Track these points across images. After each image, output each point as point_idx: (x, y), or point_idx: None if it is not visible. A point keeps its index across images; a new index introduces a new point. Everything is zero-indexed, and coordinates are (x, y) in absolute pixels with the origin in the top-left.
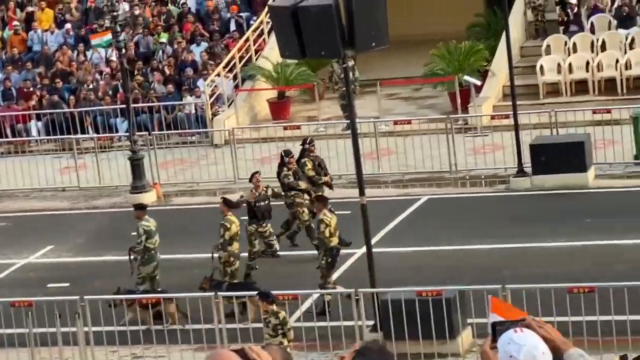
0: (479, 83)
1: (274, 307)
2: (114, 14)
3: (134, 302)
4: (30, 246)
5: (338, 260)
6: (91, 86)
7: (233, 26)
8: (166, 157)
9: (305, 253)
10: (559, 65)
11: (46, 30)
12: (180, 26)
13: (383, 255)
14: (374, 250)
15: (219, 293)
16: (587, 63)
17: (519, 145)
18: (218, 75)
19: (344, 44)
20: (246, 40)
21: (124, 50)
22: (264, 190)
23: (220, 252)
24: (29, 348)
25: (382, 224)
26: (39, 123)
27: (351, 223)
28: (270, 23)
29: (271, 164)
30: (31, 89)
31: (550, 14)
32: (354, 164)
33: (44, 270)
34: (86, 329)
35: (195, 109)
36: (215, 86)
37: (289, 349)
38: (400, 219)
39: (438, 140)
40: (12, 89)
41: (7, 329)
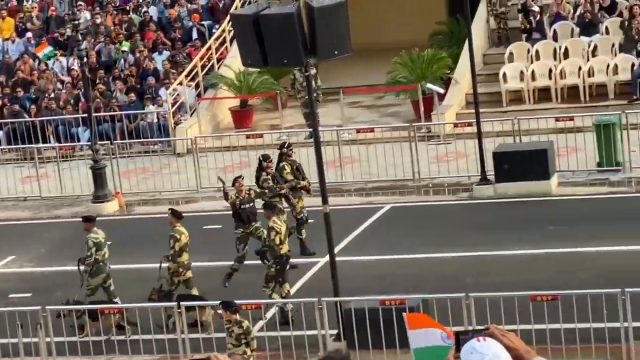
0: (442, 91)
1: (237, 317)
2: (75, 22)
3: (92, 314)
4: None
5: (288, 267)
6: (52, 95)
7: (195, 34)
8: (128, 166)
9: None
10: (521, 72)
11: (7, 39)
12: (142, 35)
13: (346, 263)
14: (337, 258)
15: (181, 303)
16: (550, 71)
17: (482, 153)
18: (180, 83)
19: (306, 52)
20: (208, 49)
21: (85, 59)
22: (247, 193)
23: (169, 263)
24: None
25: (345, 232)
26: (0, 132)
27: (314, 231)
28: (232, 31)
29: (233, 173)
30: None
31: (513, 21)
32: (317, 173)
33: (5, 280)
34: (48, 339)
35: (158, 118)
36: (178, 95)
37: (252, 358)
38: (364, 227)
39: (401, 149)
40: None
41: None
